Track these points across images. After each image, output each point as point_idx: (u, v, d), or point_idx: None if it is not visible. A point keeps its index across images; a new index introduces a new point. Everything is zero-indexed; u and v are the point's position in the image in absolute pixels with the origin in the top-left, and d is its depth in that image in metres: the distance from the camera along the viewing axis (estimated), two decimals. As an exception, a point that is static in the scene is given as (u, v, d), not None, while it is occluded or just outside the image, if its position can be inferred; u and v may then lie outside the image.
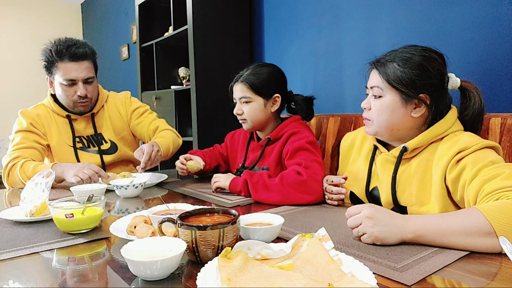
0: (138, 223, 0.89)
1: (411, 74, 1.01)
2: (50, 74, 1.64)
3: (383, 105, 1.05)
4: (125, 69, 4.47)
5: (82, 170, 1.44)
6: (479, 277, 0.66)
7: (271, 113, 1.46)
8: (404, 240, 0.80)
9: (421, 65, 1.01)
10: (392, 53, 1.07)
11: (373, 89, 1.07)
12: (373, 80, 1.07)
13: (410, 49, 1.05)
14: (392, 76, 1.02)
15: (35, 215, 1.06)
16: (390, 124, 1.06)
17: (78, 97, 1.63)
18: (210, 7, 2.38)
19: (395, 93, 1.03)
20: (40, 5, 5.40)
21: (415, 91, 1.01)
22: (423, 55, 1.03)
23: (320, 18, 2.15)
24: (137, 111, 1.86)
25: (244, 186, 1.26)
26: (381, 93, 1.05)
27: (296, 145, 1.33)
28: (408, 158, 1.08)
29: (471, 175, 0.90)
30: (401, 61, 1.02)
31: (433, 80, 1.02)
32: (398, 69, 1.02)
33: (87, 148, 1.75)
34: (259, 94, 1.43)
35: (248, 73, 1.44)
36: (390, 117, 1.05)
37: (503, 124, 1.16)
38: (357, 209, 0.84)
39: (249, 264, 0.65)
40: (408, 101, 1.03)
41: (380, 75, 1.05)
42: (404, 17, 1.74)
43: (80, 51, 1.58)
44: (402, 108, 1.04)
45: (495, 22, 1.43)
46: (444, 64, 1.06)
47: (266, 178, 1.23)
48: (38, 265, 0.78)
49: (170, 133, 1.83)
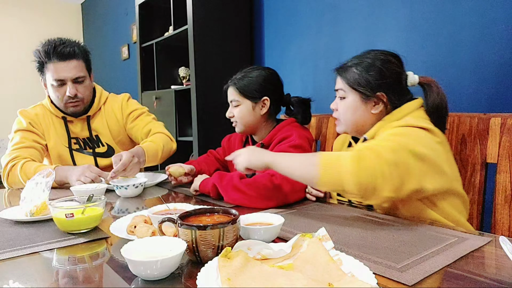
0: (138, 223, 0.89)
1: (368, 76, 1.13)
2: (43, 75, 1.63)
3: (347, 105, 1.18)
4: (125, 69, 4.48)
5: (84, 174, 1.44)
6: (479, 277, 0.66)
7: (261, 116, 1.44)
8: (265, 163, 1.05)
9: (376, 67, 1.13)
10: (353, 59, 1.20)
11: (338, 91, 1.21)
12: (338, 84, 1.21)
13: (369, 54, 1.17)
14: (351, 80, 1.16)
15: (35, 215, 1.06)
16: (354, 121, 1.18)
17: (67, 97, 1.60)
18: (210, 7, 2.38)
19: (355, 93, 1.16)
20: (40, 5, 5.40)
21: (372, 91, 1.13)
22: (379, 58, 1.15)
23: (320, 18, 2.15)
24: (133, 114, 1.81)
25: (213, 189, 1.26)
26: (344, 95, 1.19)
27: (278, 149, 1.33)
28: None
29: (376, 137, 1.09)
30: (359, 65, 1.16)
31: (388, 80, 1.13)
32: (356, 72, 1.15)
33: (83, 149, 1.74)
34: (247, 97, 1.42)
35: (238, 77, 1.45)
36: (353, 115, 1.18)
37: (503, 124, 1.16)
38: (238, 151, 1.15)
39: (249, 264, 0.65)
40: (367, 100, 1.15)
41: (342, 79, 1.19)
42: (404, 17, 1.74)
43: (67, 50, 1.56)
44: (362, 106, 1.16)
45: (495, 22, 1.43)
46: (400, 64, 1.17)
47: (236, 180, 1.21)
48: (38, 265, 0.78)
49: (162, 137, 1.74)
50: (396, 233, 0.89)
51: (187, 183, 1.52)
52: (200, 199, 1.30)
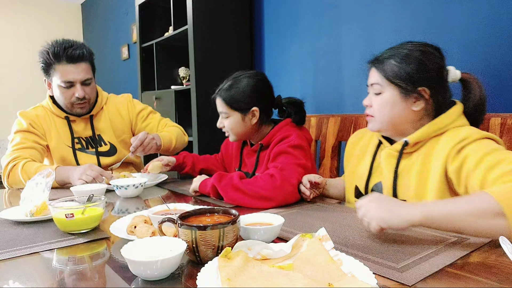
0: (138, 223, 0.89)
1: (408, 68, 1.03)
2: (48, 76, 1.64)
3: (384, 100, 1.08)
4: (125, 69, 4.47)
5: (85, 173, 1.45)
6: (479, 277, 0.66)
7: (252, 125, 1.42)
8: (412, 222, 0.78)
9: (418, 60, 1.03)
10: (389, 50, 1.09)
11: (373, 86, 1.10)
12: (373, 78, 1.10)
13: (407, 45, 1.07)
14: (390, 72, 1.05)
15: (35, 215, 1.06)
16: (391, 118, 1.08)
17: (76, 99, 1.63)
18: (210, 7, 2.38)
19: (394, 88, 1.06)
20: (40, 5, 5.40)
21: (413, 85, 1.03)
22: (419, 49, 1.05)
23: (320, 18, 2.15)
24: (142, 114, 1.87)
25: (212, 189, 1.26)
26: (381, 90, 1.08)
27: (277, 149, 1.33)
28: (410, 153, 1.09)
29: (474, 163, 0.91)
30: (398, 57, 1.05)
31: (431, 73, 1.04)
32: (396, 65, 1.05)
33: (85, 149, 1.75)
34: (235, 109, 1.40)
35: (225, 87, 1.41)
36: (390, 111, 1.07)
37: (503, 124, 1.16)
38: (364, 198, 0.86)
39: (249, 264, 0.65)
40: (407, 95, 1.05)
41: (378, 72, 1.08)
42: (404, 17, 1.74)
43: (77, 53, 1.58)
44: (402, 102, 1.06)
45: (496, 23, 1.43)
46: (442, 58, 1.07)
47: (236, 180, 1.21)
48: (38, 265, 0.78)
49: (176, 129, 1.88)
50: (396, 233, 0.89)
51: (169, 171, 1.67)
52: (200, 199, 1.30)
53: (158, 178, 1.63)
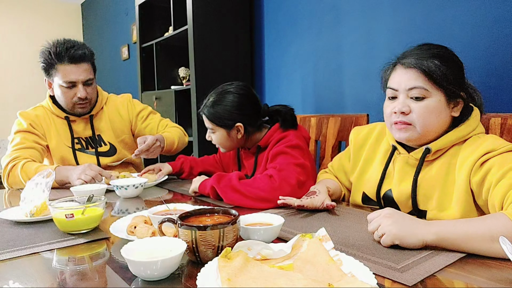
0: (138, 223, 0.89)
1: (454, 71, 0.95)
2: (49, 76, 1.64)
3: (430, 107, 0.96)
4: (125, 69, 4.47)
5: (85, 172, 1.45)
6: (479, 277, 0.66)
7: (238, 139, 1.43)
8: (426, 242, 0.76)
9: (456, 61, 0.96)
10: (418, 51, 0.99)
11: (412, 90, 0.97)
12: (413, 81, 0.97)
13: (436, 46, 0.99)
14: (437, 75, 0.94)
15: (35, 215, 1.06)
16: (435, 127, 0.98)
17: (78, 99, 1.63)
18: (210, 7, 2.38)
19: (441, 93, 0.96)
20: (40, 5, 5.40)
21: (460, 89, 0.96)
22: (450, 52, 0.98)
23: (320, 18, 2.15)
24: (142, 115, 1.87)
25: (211, 191, 1.26)
26: (426, 94, 0.96)
27: (275, 150, 1.33)
28: (430, 161, 1.03)
29: (496, 178, 0.87)
30: (438, 58, 0.95)
31: (464, 76, 0.99)
32: (441, 66, 0.94)
33: (85, 149, 1.75)
34: (220, 126, 1.41)
35: (209, 104, 1.41)
36: (437, 119, 0.96)
37: (503, 124, 1.16)
38: (376, 212, 0.83)
39: (249, 264, 0.65)
40: (450, 100, 0.97)
41: (421, 75, 0.96)
42: (404, 18, 1.74)
43: (79, 53, 1.58)
44: (446, 108, 0.97)
45: (496, 23, 1.43)
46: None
47: (235, 181, 1.21)
48: (38, 265, 0.78)
49: (177, 130, 1.89)
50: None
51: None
52: (200, 200, 1.31)
53: (158, 179, 1.63)
